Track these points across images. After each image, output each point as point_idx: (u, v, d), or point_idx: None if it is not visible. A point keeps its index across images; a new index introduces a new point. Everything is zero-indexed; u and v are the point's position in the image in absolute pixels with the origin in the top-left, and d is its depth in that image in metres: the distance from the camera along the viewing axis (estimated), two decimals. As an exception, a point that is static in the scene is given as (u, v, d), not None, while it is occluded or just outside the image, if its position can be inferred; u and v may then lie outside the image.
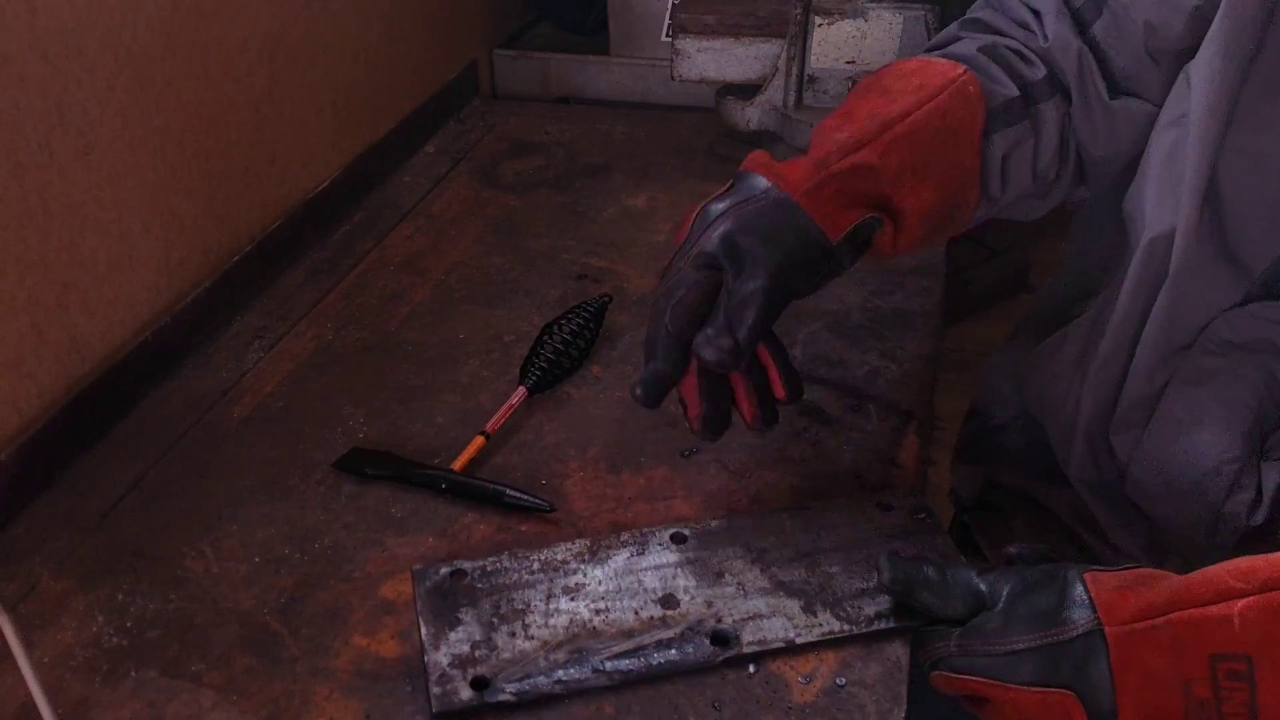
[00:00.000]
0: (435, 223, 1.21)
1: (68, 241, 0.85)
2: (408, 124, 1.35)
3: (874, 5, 1.18)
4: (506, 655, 0.66)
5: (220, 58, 1.00)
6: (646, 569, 0.72)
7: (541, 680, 0.64)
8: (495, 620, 0.68)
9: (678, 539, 0.74)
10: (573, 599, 0.70)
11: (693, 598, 0.70)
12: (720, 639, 0.67)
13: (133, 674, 0.68)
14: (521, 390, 0.89)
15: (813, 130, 0.77)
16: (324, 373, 0.96)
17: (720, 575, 0.71)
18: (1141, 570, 0.61)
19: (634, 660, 0.66)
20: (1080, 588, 0.60)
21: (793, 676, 0.66)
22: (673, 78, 1.28)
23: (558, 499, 0.80)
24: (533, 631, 0.68)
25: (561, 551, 0.74)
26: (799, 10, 1.20)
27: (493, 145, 1.39)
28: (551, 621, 0.68)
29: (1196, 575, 0.58)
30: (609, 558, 0.73)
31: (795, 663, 0.67)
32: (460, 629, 0.68)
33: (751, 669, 0.67)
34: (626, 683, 0.65)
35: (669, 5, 1.41)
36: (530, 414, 0.90)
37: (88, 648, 0.70)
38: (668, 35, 1.40)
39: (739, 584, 0.71)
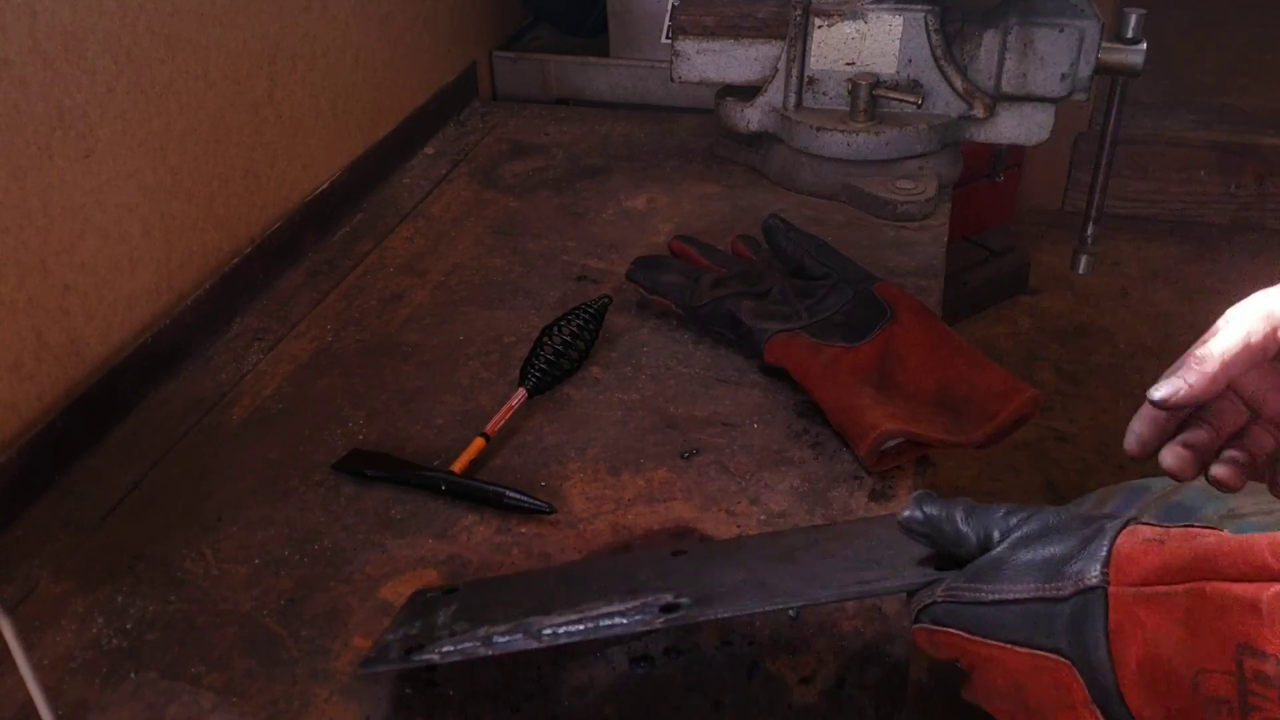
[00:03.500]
0: (435, 224, 1.21)
1: (68, 244, 0.85)
2: (407, 126, 1.35)
3: (874, 6, 1.18)
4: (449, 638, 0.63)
5: (220, 60, 1.00)
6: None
7: (469, 644, 0.61)
8: (455, 626, 0.64)
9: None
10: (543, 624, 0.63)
11: (658, 587, 0.62)
12: (671, 609, 0.59)
13: (132, 676, 0.68)
14: (521, 392, 0.89)
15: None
16: (324, 374, 0.96)
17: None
18: (1199, 529, 0.47)
19: (576, 626, 0.60)
20: (1108, 538, 0.48)
21: (793, 678, 0.66)
22: (672, 79, 1.28)
23: (557, 500, 0.80)
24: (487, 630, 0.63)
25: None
26: (799, 12, 1.20)
27: (492, 147, 1.39)
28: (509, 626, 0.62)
29: (1234, 540, 0.45)
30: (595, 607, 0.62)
31: (795, 664, 0.67)
32: (417, 624, 0.66)
33: (751, 669, 0.67)
34: (561, 645, 0.60)
35: (668, 7, 1.41)
36: (530, 415, 0.90)
37: (87, 650, 0.70)
38: (667, 37, 1.40)
39: (715, 578, 0.63)
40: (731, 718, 0.64)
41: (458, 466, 0.83)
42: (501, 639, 0.60)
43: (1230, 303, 0.64)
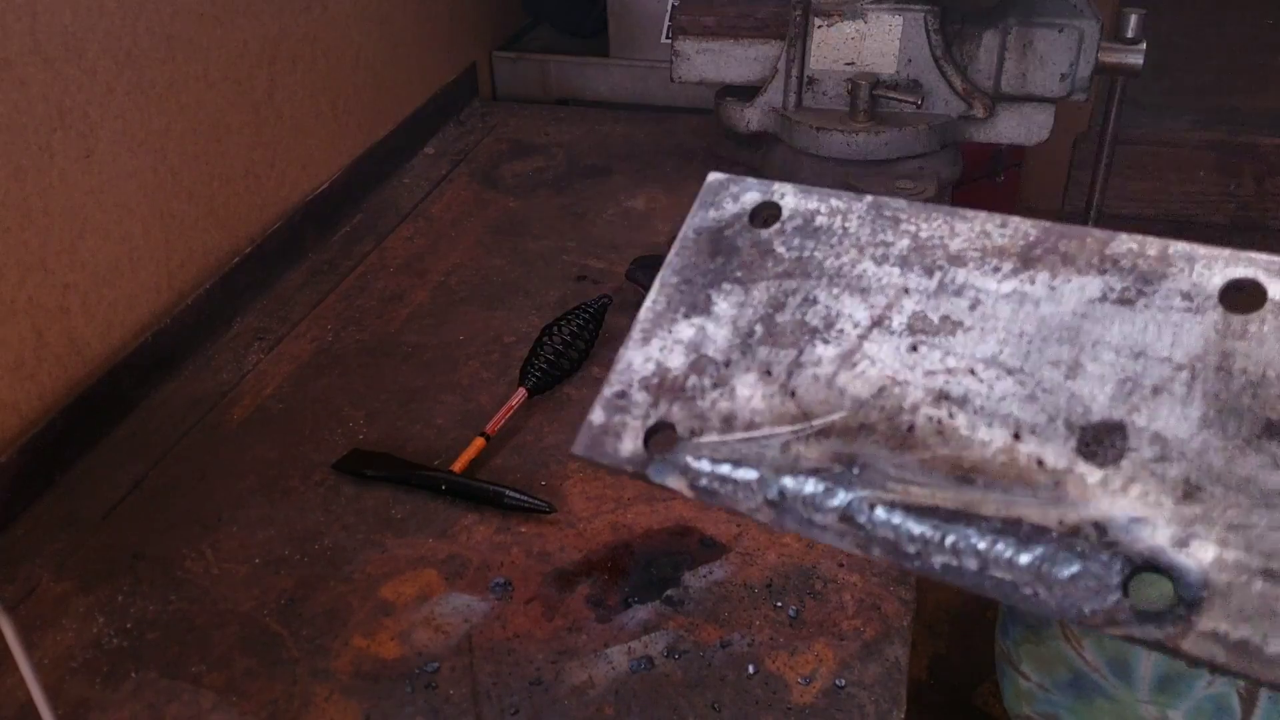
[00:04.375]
0: (435, 224, 1.21)
1: (68, 244, 0.85)
2: (407, 126, 1.35)
3: (874, 6, 1.18)
4: (725, 408, 0.40)
5: (220, 61, 1.00)
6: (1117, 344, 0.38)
7: (749, 481, 0.38)
8: (762, 328, 0.42)
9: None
10: (921, 346, 0.39)
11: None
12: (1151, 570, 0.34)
13: (133, 675, 0.68)
14: (521, 391, 0.89)
15: None
16: (324, 374, 0.96)
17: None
18: None
19: (946, 534, 0.36)
20: None
21: (792, 677, 0.66)
22: (672, 80, 1.28)
23: (557, 500, 0.80)
24: (808, 379, 0.40)
25: (972, 232, 0.42)
26: (798, 12, 1.20)
27: (492, 147, 1.39)
28: (853, 374, 0.39)
29: None
30: (1053, 285, 0.39)
31: (794, 663, 0.67)
32: (698, 321, 0.43)
33: (751, 669, 0.67)
34: (905, 562, 0.36)
35: (668, 7, 1.41)
36: (530, 415, 0.90)
37: (88, 649, 0.70)
38: (667, 37, 1.40)
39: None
40: (731, 717, 0.64)
41: (458, 466, 0.83)
42: (805, 488, 0.38)
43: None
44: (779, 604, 0.71)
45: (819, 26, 1.20)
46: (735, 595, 0.72)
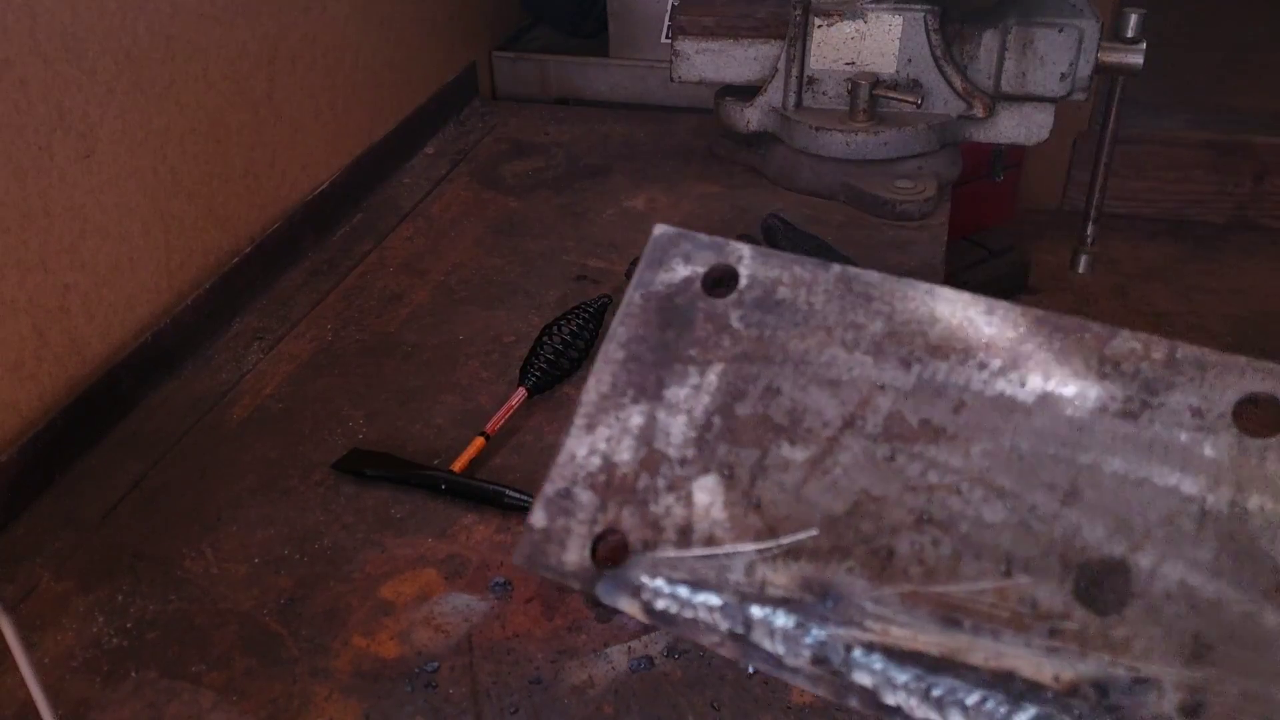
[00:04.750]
0: (435, 224, 1.21)
1: (68, 244, 0.85)
2: (407, 126, 1.35)
3: (873, 6, 1.19)
4: (681, 516, 0.35)
5: (220, 60, 1.00)
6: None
7: (712, 607, 0.33)
8: (721, 420, 0.36)
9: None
10: (900, 456, 0.34)
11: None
12: None
13: (133, 675, 0.68)
14: (521, 391, 0.89)
15: None
16: (324, 374, 0.96)
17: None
18: None
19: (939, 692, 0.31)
20: None
21: (791, 676, 0.67)
22: (672, 79, 1.28)
23: (557, 500, 0.80)
24: (773, 487, 0.35)
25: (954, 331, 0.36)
26: (798, 11, 1.20)
27: (492, 147, 1.39)
28: (825, 485, 0.34)
29: None
30: (1046, 390, 0.34)
31: (794, 663, 0.67)
32: (648, 407, 0.37)
33: (750, 669, 0.67)
34: (886, 716, 0.32)
35: (668, 7, 1.41)
36: (530, 415, 0.90)
37: (88, 649, 0.70)
38: (667, 37, 1.41)
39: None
40: (731, 717, 0.64)
41: (458, 466, 0.83)
42: (784, 628, 0.33)
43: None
44: (779, 603, 0.71)
45: (819, 26, 1.21)
46: (735, 595, 0.72)
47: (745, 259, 0.38)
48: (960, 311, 0.36)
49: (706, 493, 0.35)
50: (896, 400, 0.35)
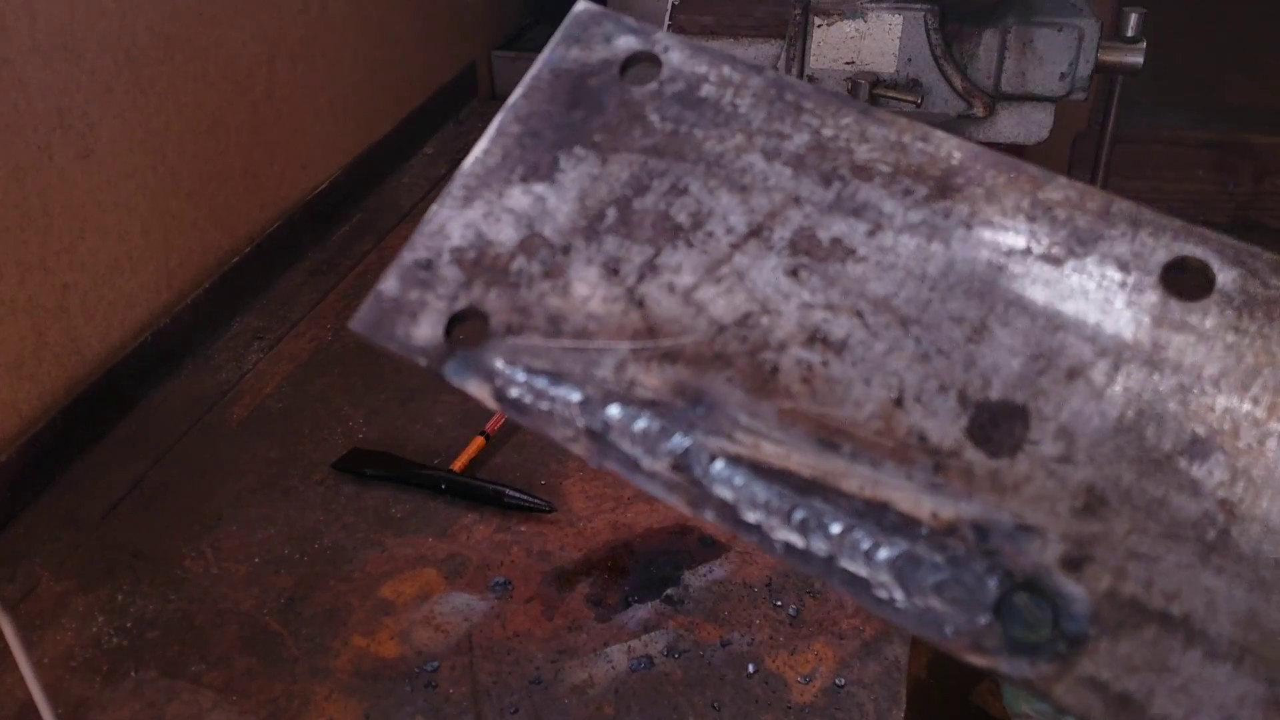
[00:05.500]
0: (434, 224, 1.21)
1: (68, 244, 0.85)
2: (406, 125, 1.35)
3: (873, 5, 1.18)
4: (554, 305, 0.33)
5: (219, 60, 1.00)
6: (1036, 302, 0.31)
7: (570, 402, 0.31)
8: (616, 212, 0.34)
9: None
10: (803, 271, 0.32)
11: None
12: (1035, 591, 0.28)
13: (133, 674, 0.68)
14: (521, 391, 0.89)
15: None
16: (323, 373, 0.96)
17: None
18: None
19: (794, 508, 0.30)
20: None
21: (792, 676, 0.66)
22: (671, 79, 1.28)
23: (557, 499, 0.80)
24: (661, 288, 0.32)
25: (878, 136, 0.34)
26: (798, 11, 1.20)
27: (492, 146, 1.39)
28: (717, 291, 0.32)
29: None
30: (970, 224, 0.32)
31: (794, 662, 0.67)
32: (537, 189, 0.34)
33: (751, 668, 0.67)
34: (742, 532, 0.30)
35: (668, 6, 1.41)
36: (529, 415, 0.90)
37: (88, 648, 0.70)
38: (666, 36, 1.40)
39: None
40: (731, 717, 0.64)
41: (458, 465, 0.83)
42: (633, 424, 0.31)
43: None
44: (779, 603, 0.71)
45: (818, 26, 1.20)
46: (735, 594, 0.72)
47: (672, 49, 0.35)
48: (894, 134, 0.33)
49: (586, 285, 0.33)
50: (810, 216, 0.32)
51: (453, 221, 0.34)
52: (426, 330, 0.34)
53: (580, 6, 0.37)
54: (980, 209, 0.32)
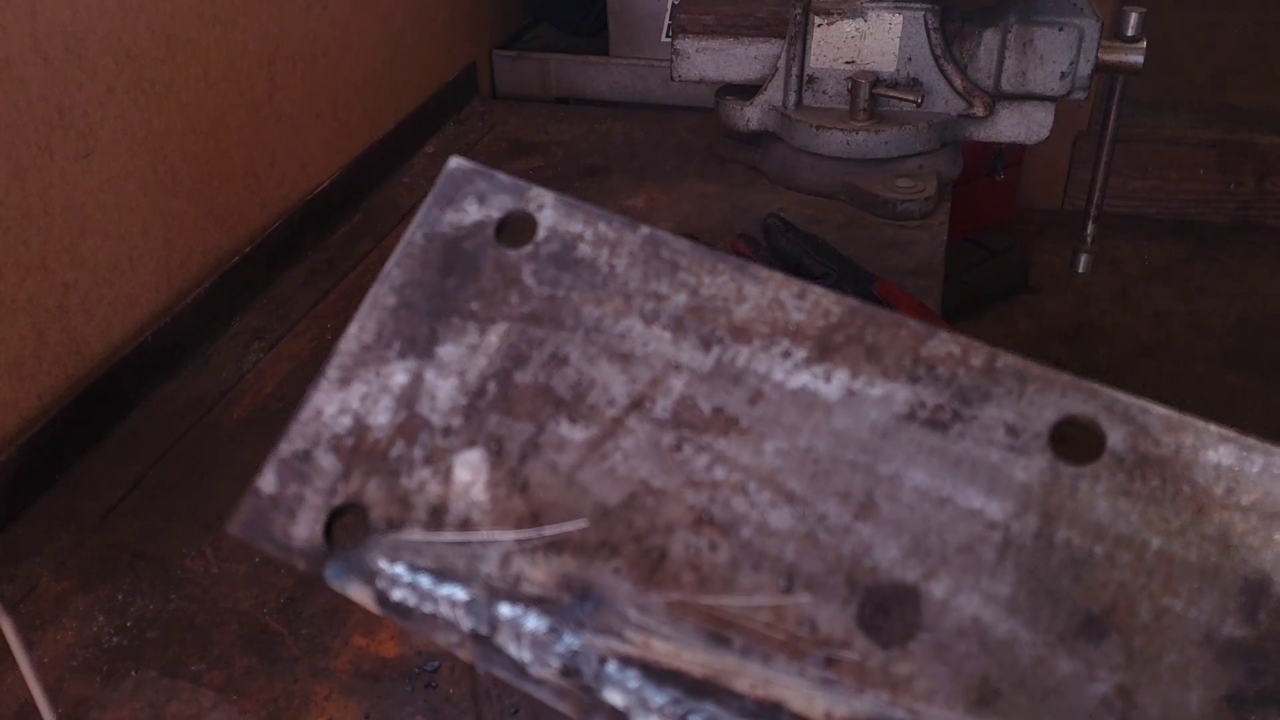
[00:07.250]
0: (435, 223, 1.21)
1: (68, 243, 0.85)
2: (407, 125, 1.35)
3: (873, 5, 1.18)
4: (435, 494, 0.32)
5: (220, 60, 1.00)
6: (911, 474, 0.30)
7: (455, 602, 0.31)
8: (496, 386, 0.33)
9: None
10: (686, 446, 0.31)
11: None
12: None
13: (133, 674, 0.68)
14: (521, 391, 0.89)
15: None
16: (324, 373, 0.96)
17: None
18: None
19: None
20: None
21: (792, 676, 0.66)
22: (672, 78, 1.28)
23: (557, 499, 0.80)
24: (544, 468, 0.31)
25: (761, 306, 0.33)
26: (798, 10, 1.20)
27: (492, 146, 1.39)
28: (600, 471, 0.31)
29: None
30: (852, 388, 0.31)
31: (794, 662, 0.67)
32: (415, 365, 0.33)
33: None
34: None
35: (668, 6, 1.41)
36: (530, 414, 0.90)
37: (88, 648, 0.70)
38: (667, 36, 1.41)
39: None
40: (731, 716, 0.64)
41: (458, 465, 0.83)
42: (533, 628, 0.31)
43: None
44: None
45: (819, 25, 1.20)
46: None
47: (546, 208, 0.34)
48: (770, 292, 0.32)
49: (469, 469, 0.31)
50: (691, 383, 0.31)
51: (329, 406, 0.33)
52: (304, 529, 0.32)
53: (453, 164, 0.35)
54: (862, 369, 0.31)
